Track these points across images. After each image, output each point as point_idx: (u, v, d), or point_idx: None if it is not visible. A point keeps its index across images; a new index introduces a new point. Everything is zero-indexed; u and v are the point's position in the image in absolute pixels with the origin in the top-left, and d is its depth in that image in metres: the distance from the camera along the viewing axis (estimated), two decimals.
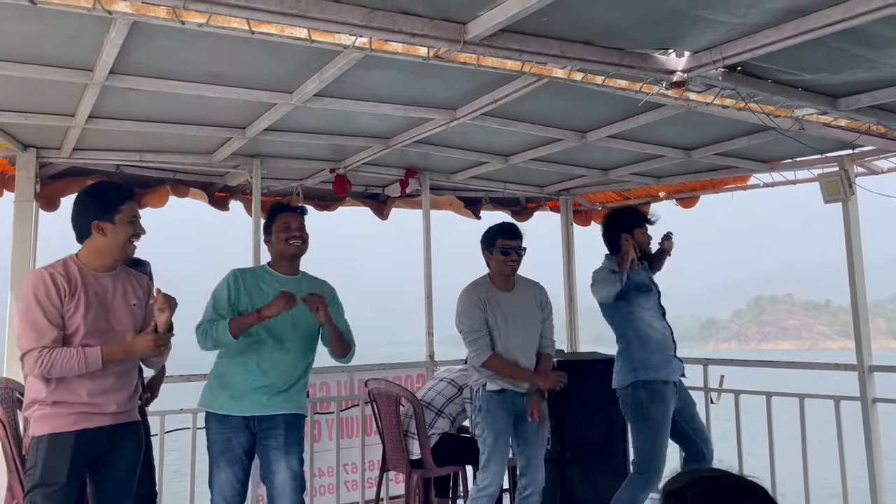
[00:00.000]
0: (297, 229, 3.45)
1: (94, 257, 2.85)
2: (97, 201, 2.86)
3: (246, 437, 3.32)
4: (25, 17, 2.68)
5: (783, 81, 3.30)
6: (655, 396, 3.95)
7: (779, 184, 5.52)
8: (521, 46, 2.71)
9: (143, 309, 2.99)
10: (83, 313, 2.75)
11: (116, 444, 2.87)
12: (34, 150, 4.53)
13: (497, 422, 3.88)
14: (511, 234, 4.02)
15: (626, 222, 4.14)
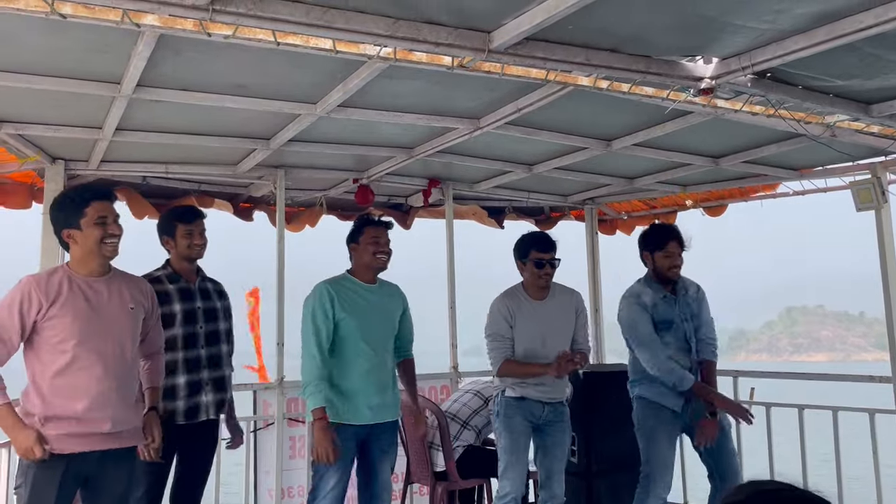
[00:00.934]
0: (385, 244, 3.62)
1: (79, 265, 2.79)
2: (62, 210, 2.80)
3: (355, 444, 3.50)
4: (55, 32, 2.71)
5: (814, 87, 3.24)
6: (647, 409, 3.96)
7: (809, 192, 5.42)
8: (546, 55, 2.69)
9: (141, 311, 2.93)
10: (70, 320, 2.69)
11: (111, 466, 2.80)
12: (63, 162, 4.59)
13: (514, 429, 3.84)
14: (545, 246, 3.94)
15: (646, 243, 4.03)
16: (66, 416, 2.69)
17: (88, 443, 2.72)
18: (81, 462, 2.72)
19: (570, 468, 5.15)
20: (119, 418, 2.80)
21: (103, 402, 2.75)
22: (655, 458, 3.91)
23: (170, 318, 3.48)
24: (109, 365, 2.77)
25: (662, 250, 3.96)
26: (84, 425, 2.71)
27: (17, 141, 4.06)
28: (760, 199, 5.80)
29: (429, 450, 4.50)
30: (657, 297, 3.96)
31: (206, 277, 3.76)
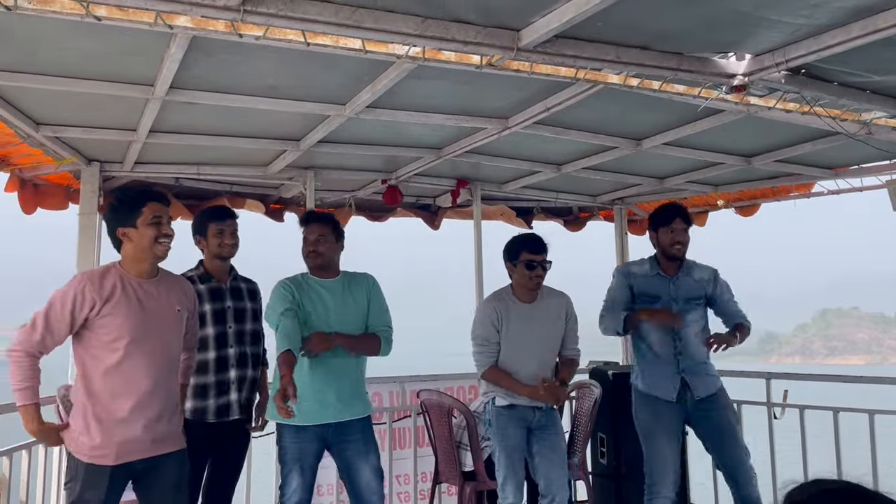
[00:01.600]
0: (314, 242, 3.52)
1: (132, 264, 2.86)
2: (119, 209, 2.87)
3: (319, 446, 3.42)
4: (91, 35, 2.76)
5: (850, 84, 3.17)
6: (643, 403, 3.94)
7: (844, 191, 5.32)
8: (575, 52, 2.67)
9: (185, 314, 2.99)
10: (122, 320, 2.75)
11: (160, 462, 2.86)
12: (98, 164, 4.68)
13: (508, 438, 3.78)
14: (536, 247, 3.84)
15: (652, 221, 4.05)
16: (113, 417, 2.75)
17: (132, 452, 2.78)
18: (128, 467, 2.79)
19: (600, 470, 5.13)
20: (163, 421, 2.86)
21: (150, 402, 2.81)
22: (654, 457, 3.86)
23: (200, 317, 3.52)
24: (157, 365, 2.84)
25: (667, 226, 3.93)
26: (128, 429, 2.76)
27: (54, 143, 4.15)
28: (794, 199, 5.71)
29: (457, 450, 4.49)
30: (651, 272, 3.97)
31: (240, 277, 3.80)
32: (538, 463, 3.84)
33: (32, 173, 4.66)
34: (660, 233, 3.95)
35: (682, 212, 3.98)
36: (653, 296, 3.93)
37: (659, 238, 3.96)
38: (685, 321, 3.89)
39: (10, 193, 4.58)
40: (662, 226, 3.95)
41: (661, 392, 3.89)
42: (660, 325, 3.86)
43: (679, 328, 3.85)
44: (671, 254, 3.94)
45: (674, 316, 3.83)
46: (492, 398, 3.87)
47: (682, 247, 3.94)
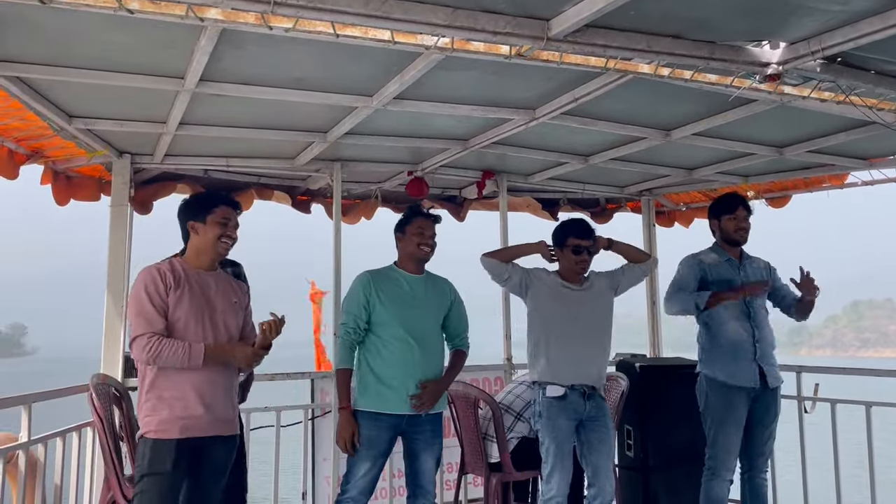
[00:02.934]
0: (430, 236, 3.66)
1: (195, 256, 3.09)
2: (195, 204, 3.16)
3: (392, 434, 3.55)
4: (123, 28, 2.79)
5: (887, 72, 3.10)
6: (717, 390, 3.96)
7: (879, 182, 5.21)
8: (606, 42, 2.64)
9: (242, 309, 3.18)
10: (187, 307, 2.95)
11: (217, 444, 3.03)
12: (129, 156, 4.73)
13: (558, 430, 3.79)
14: (584, 232, 3.92)
15: (713, 210, 4.13)
16: (177, 396, 2.92)
17: (193, 429, 2.93)
18: (189, 443, 2.94)
19: (627, 462, 5.10)
20: (221, 405, 3.02)
21: (211, 385, 2.98)
22: (723, 444, 3.93)
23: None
24: None
25: (731, 214, 4.06)
26: (192, 408, 2.93)
27: (86, 136, 4.21)
28: (827, 190, 5.61)
29: (483, 441, 4.50)
30: (720, 259, 4.06)
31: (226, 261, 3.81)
32: (587, 452, 3.87)
33: (65, 165, 4.73)
34: (723, 220, 4.09)
35: (744, 201, 4.16)
36: (727, 280, 4.02)
37: (722, 225, 4.09)
38: (757, 309, 4.03)
39: (44, 185, 4.65)
40: (726, 213, 4.08)
41: (743, 380, 3.94)
42: (749, 296, 3.95)
43: (765, 290, 3.99)
44: (734, 239, 4.08)
45: (754, 286, 3.96)
46: (543, 389, 3.84)
47: (745, 233, 4.11)
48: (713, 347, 4.03)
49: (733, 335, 3.96)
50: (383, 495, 5.14)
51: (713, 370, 4.01)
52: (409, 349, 3.53)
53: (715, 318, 4.00)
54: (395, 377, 3.50)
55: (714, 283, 4.02)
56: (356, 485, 3.45)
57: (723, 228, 4.09)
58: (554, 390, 3.81)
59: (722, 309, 3.97)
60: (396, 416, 3.50)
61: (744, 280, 4.03)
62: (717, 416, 3.98)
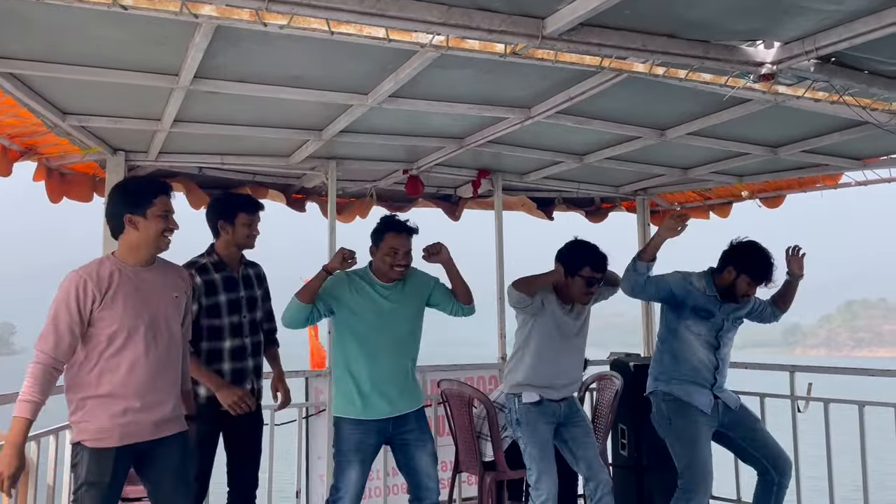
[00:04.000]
0: (405, 254, 3.52)
1: (130, 253, 2.84)
2: (130, 196, 2.85)
3: (378, 440, 3.52)
4: (117, 25, 2.78)
5: (881, 72, 3.11)
6: (679, 411, 3.88)
7: (872, 182, 5.23)
8: (601, 40, 2.64)
9: (184, 299, 3.00)
10: (121, 312, 2.75)
11: (163, 445, 2.86)
12: (123, 153, 4.72)
13: (539, 435, 3.80)
14: (601, 265, 3.83)
15: (740, 263, 3.86)
16: (115, 401, 2.76)
17: (134, 434, 2.78)
18: (131, 449, 2.80)
19: (621, 462, 5.11)
20: (162, 408, 2.86)
21: (152, 386, 2.81)
22: (698, 465, 3.81)
23: (216, 308, 3.56)
24: (158, 350, 2.84)
25: (753, 278, 3.85)
26: (132, 414, 2.77)
27: (79, 132, 4.19)
28: (820, 190, 5.63)
29: (477, 440, 4.50)
30: (707, 292, 3.92)
31: (248, 263, 3.82)
32: (574, 449, 3.87)
33: (59, 162, 4.71)
34: (741, 280, 3.85)
35: (771, 275, 3.89)
36: (708, 311, 3.91)
37: (737, 282, 3.86)
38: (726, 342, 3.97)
39: (38, 182, 4.64)
40: (752, 277, 3.84)
41: (699, 403, 3.88)
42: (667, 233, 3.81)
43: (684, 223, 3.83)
44: (735, 297, 3.92)
45: (675, 218, 3.83)
46: (518, 395, 3.85)
47: (748, 298, 3.98)
48: (674, 368, 3.94)
49: (697, 363, 3.90)
50: (377, 494, 5.14)
51: (669, 386, 3.92)
52: (384, 358, 3.49)
53: (685, 342, 3.92)
54: (373, 386, 3.48)
55: (694, 308, 3.90)
56: (347, 490, 3.44)
57: (736, 285, 3.87)
58: (530, 396, 3.84)
59: (692, 336, 3.89)
60: (382, 420, 3.50)
61: (723, 315, 3.93)
62: (684, 434, 3.86)
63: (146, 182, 3.02)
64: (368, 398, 3.47)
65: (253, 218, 3.69)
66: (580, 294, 3.85)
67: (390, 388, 3.50)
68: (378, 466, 4.96)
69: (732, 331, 4.01)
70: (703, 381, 3.90)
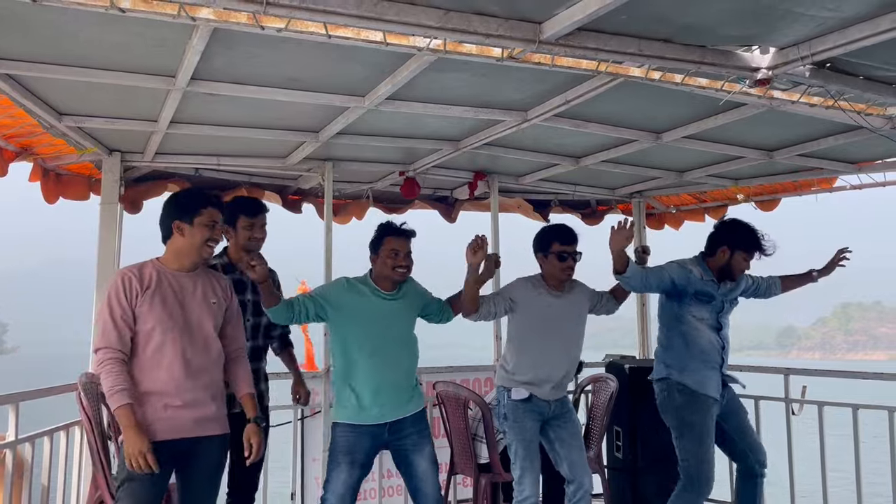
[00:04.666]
0: (405, 256, 3.49)
1: (174, 258, 2.98)
2: (181, 203, 3.01)
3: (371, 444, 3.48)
4: (114, 26, 2.78)
5: (876, 78, 3.13)
6: (692, 404, 3.87)
7: (867, 186, 5.25)
8: (597, 45, 2.66)
9: (222, 307, 3.09)
10: (159, 311, 2.86)
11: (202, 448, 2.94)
12: (119, 154, 4.71)
13: (525, 431, 3.78)
14: (567, 238, 3.80)
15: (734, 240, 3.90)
16: (155, 399, 2.85)
17: (175, 430, 2.86)
18: (172, 445, 2.87)
19: (616, 463, 5.12)
20: (203, 408, 2.94)
21: (190, 387, 2.89)
22: (705, 458, 3.82)
23: None
24: (194, 353, 2.93)
25: (747, 252, 3.87)
26: (172, 410, 2.86)
27: (76, 133, 4.18)
28: (815, 194, 5.65)
29: (472, 441, 4.51)
30: (704, 277, 3.94)
31: None
32: (559, 449, 3.83)
33: (55, 163, 4.70)
34: (736, 256, 3.87)
35: (764, 247, 3.92)
36: (708, 294, 3.92)
37: (732, 259, 3.88)
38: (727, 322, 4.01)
39: (33, 183, 4.63)
40: (745, 251, 3.87)
41: (711, 390, 3.89)
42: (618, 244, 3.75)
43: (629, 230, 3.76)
44: (731, 276, 3.94)
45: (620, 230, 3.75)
46: (508, 389, 3.86)
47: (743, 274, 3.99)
48: (686, 353, 3.94)
49: (706, 345, 3.92)
50: (372, 496, 5.14)
51: (683, 376, 3.91)
52: (381, 365, 3.47)
53: (693, 326, 3.93)
54: (368, 391, 3.46)
55: (696, 293, 3.91)
56: (334, 492, 3.42)
57: (731, 263, 3.89)
58: (519, 393, 3.81)
59: (696, 321, 3.91)
60: (374, 425, 3.47)
61: (721, 297, 3.95)
62: (696, 432, 3.86)
63: (198, 193, 3.16)
64: (362, 403, 3.46)
65: (254, 220, 3.68)
66: (557, 271, 3.80)
67: (386, 394, 3.48)
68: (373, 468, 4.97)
69: (730, 311, 4.05)
70: (714, 363, 3.93)
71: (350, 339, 3.48)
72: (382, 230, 3.54)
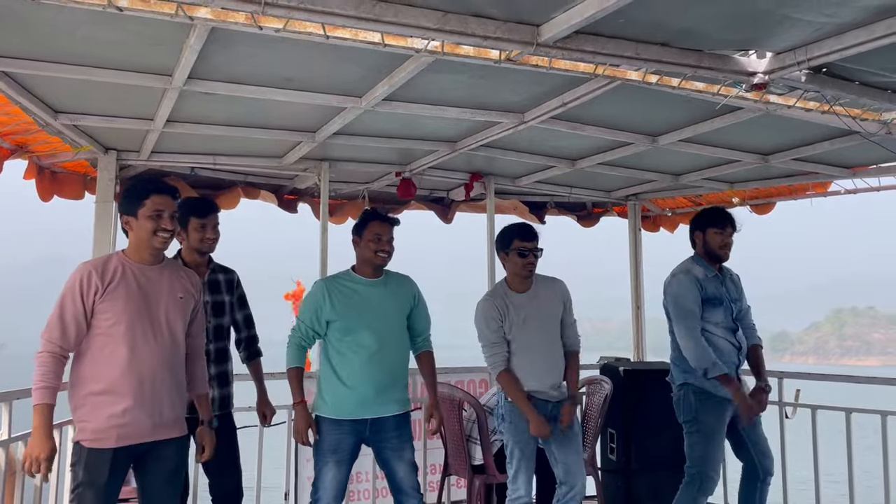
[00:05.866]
0: (388, 241, 3.53)
1: (134, 251, 2.90)
2: (126, 197, 2.92)
3: (355, 439, 3.49)
4: (111, 24, 2.77)
5: (871, 83, 3.15)
6: (708, 405, 3.89)
7: (861, 190, 5.28)
8: (595, 48, 2.66)
9: (190, 301, 3.01)
10: (121, 306, 2.78)
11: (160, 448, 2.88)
12: (115, 152, 4.70)
13: (522, 433, 3.77)
14: (527, 234, 3.82)
15: (699, 222, 4.02)
16: (114, 401, 2.76)
17: (132, 436, 2.79)
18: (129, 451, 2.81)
19: (610, 466, 5.13)
20: (165, 406, 2.87)
21: (152, 386, 2.82)
22: (713, 459, 3.86)
23: None
24: (159, 350, 2.85)
25: (719, 228, 3.94)
26: (130, 414, 2.78)
27: (71, 131, 4.17)
28: (810, 198, 5.67)
29: (467, 443, 4.51)
30: (707, 273, 3.96)
31: (218, 268, 3.74)
32: (555, 450, 3.83)
33: (50, 161, 4.69)
34: (708, 233, 3.94)
35: (732, 217, 4.01)
36: (717, 298, 3.93)
37: (707, 238, 3.95)
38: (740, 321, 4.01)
39: (28, 181, 4.62)
40: (713, 227, 3.94)
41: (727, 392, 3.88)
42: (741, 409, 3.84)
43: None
44: (718, 255, 3.96)
45: (751, 407, 3.85)
46: (504, 393, 3.85)
47: (729, 250, 3.99)
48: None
49: (724, 347, 3.93)
50: (366, 496, 5.14)
51: (702, 380, 3.90)
52: (368, 356, 3.46)
53: (709, 331, 3.92)
54: (354, 384, 3.45)
55: (707, 300, 3.92)
56: (325, 491, 3.42)
57: (707, 242, 3.95)
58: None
59: (712, 325, 3.92)
60: (358, 421, 3.46)
61: (726, 296, 3.96)
62: (708, 428, 3.89)
63: (141, 183, 3.02)
64: (344, 397, 3.44)
65: (204, 221, 3.59)
66: (518, 268, 3.81)
67: (368, 389, 3.45)
68: (367, 468, 4.98)
69: (744, 314, 4.04)
70: (731, 364, 3.92)
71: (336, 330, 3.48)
72: (367, 215, 3.62)
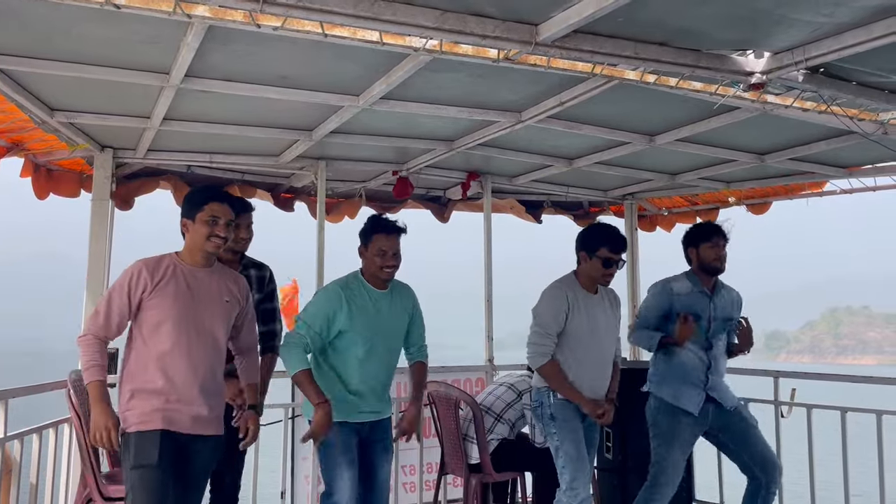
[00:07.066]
0: (393, 255, 3.41)
1: (187, 253, 3.04)
2: (187, 201, 3.08)
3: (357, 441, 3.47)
4: (107, 22, 2.76)
5: (868, 83, 3.15)
6: (665, 411, 3.94)
7: (857, 190, 5.30)
8: (593, 48, 2.66)
9: (235, 307, 3.11)
10: (171, 302, 2.90)
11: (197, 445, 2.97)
12: (111, 150, 4.68)
13: (575, 431, 3.71)
14: (617, 246, 3.73)
15: (690, 239, 4.01)
16: (158, 392, 2.88)
17: (175, 422, 2.89)
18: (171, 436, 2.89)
19: (605, 464, 5.13)
20: (204, 403, 2.96)
21: (191, 383, 2.92)
22: (668, 464, 3.90)
23: None
24: (199, 349, 2.96)
25: (709, 242, 3.94)
26: (172, 404, 2.89)
27: (67, 129, 4.16)
28: (806, 198, 5.69)
29: (463, 441, 4.51)
30: (694, 289, 3.95)
31: (250, 264, 3.75)
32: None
33: (46, 158, 4.67)
34: (702, 249, 3.95)
35: (720, 229, 4.02)
36: (695, 312, 3.92)
37: (700, 253, 3.96)
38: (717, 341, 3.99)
39: (24, 178, 4.60)
40: (704, 241, 3.96)
41: (687, 405, 3.91)
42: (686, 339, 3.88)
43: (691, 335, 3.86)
44: (713, 268, 3.96)
45: (690, 328, 3.86)
46: (552, 391, 3.74)
47: (723, 261, 3.99)
48: (667, 369, 3.99)
49: (688, 361, 3.94)
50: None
51: (660, 389, 3.99)
52: (373, 363, 3.46)
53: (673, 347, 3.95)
54: (359, 390, 3.45)
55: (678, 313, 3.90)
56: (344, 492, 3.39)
57: (701, 257, 3.95)
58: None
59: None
60: (362, 423, 3.48)
61: (712, 315, 3.95)
62: (663, 434, 3.95)
63: (203, 190, 3.25)
64: (350, 402, 3.44)
65: (238, 221, 3.52)
66: (598, 275, 3.74)
67: (374, 393, 3.49)
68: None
69: (722, 332, 4.03)
70: (696, 381, 3.93)
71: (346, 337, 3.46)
72: (372, 225, 3.45)
